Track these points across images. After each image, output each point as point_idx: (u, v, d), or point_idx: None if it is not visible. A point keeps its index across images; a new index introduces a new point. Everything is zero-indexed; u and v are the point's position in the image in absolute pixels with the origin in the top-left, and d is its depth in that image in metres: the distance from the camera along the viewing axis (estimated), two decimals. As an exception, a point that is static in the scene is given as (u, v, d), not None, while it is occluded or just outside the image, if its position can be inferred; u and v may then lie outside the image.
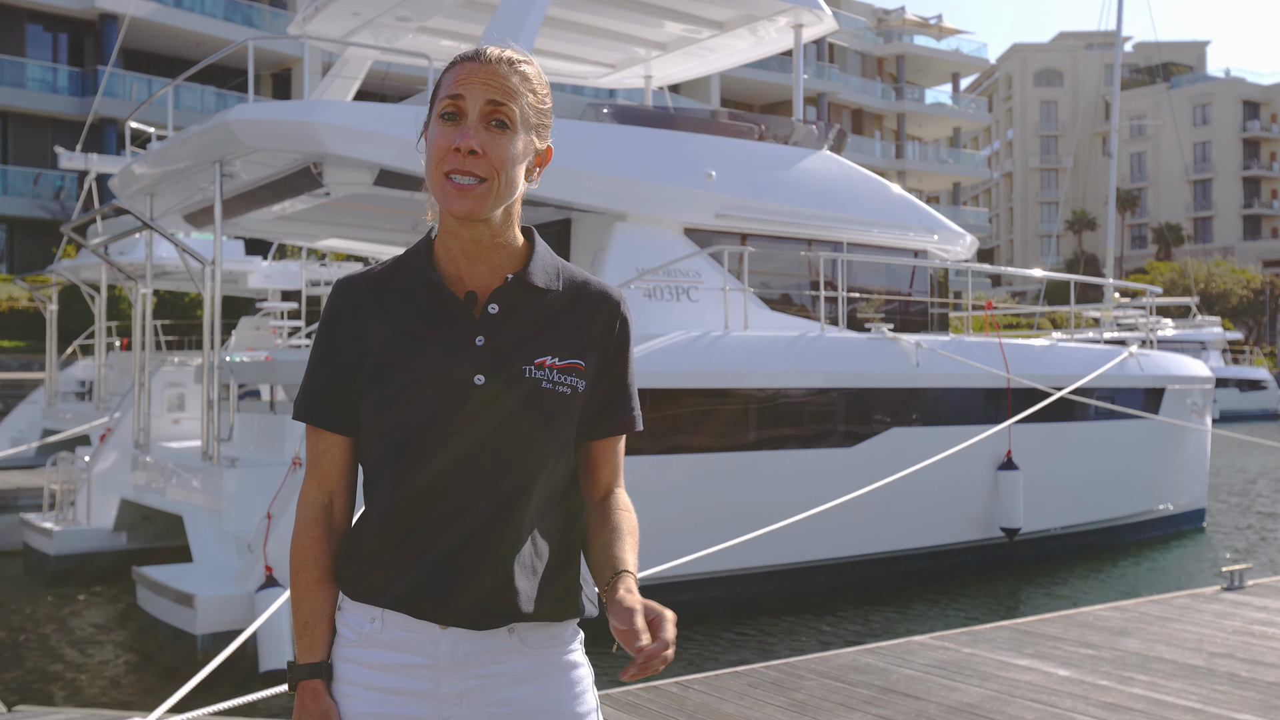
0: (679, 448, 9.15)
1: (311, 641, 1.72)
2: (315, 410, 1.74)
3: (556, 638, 1.73)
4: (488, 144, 1.63)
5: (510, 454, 1.66)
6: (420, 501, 1.65)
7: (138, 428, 11.05)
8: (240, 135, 8.80)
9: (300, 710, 1.70)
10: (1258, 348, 54.41)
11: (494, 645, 1.67)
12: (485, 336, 1.68)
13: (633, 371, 1.82)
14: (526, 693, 1.69)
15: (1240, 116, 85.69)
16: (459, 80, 1.65)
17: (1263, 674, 5.01)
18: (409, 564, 1.66)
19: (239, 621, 7.69)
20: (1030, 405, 10.84)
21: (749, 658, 7.57)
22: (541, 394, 1.68)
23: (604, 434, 1.79)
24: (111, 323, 18.98)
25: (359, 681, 1.68)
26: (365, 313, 1.71)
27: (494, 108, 1.64)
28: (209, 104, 35.69)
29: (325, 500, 1.75)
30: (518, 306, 1.71)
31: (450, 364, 1.66)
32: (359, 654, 1.69)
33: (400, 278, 1.73)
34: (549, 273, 1.75)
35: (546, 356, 1.69)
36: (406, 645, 1.67)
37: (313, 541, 1.73)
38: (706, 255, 10.42)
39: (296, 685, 1.72)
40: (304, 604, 1.73)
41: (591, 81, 14.13)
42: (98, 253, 11.10)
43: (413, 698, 1.66)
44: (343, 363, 1.72)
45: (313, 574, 1.73)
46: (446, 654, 1.66)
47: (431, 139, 1.66)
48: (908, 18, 62.33)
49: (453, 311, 1.69)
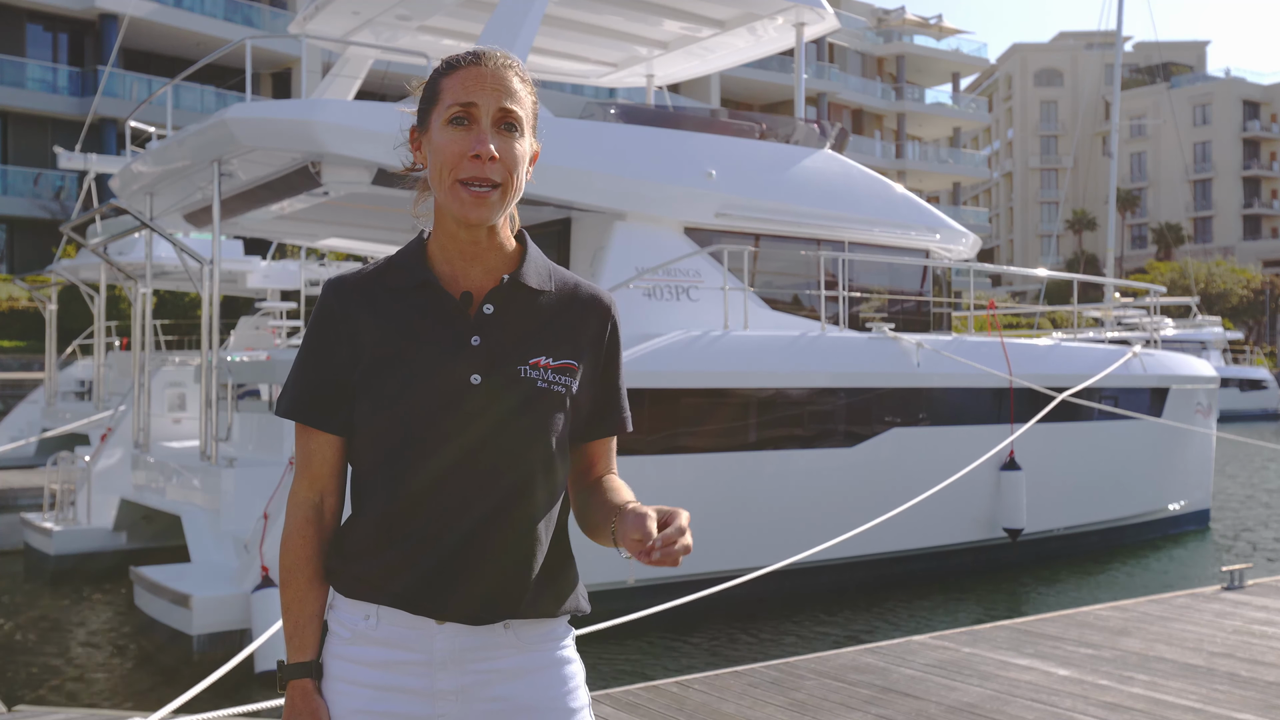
0: (679, 448, 9.14)
1: (302, 641, 1.73)
2: (307, 410, 1.74)
3: (550, 634, 1.74)
4: (502, 148, 1.65)
5: (507, 453, 1.67)
6: (418, 500, 1.65)
7: (137, 427, 11.04)
8: (238, 134, 8.79)
9: (290, 710, 1.70)
10: (1258, 347, 54.39)
11: (489, 641, 1.68)
12: (481, 336, 1.68)
13: (623, 374, 1.85)
14: (519, 688, 1.69)
15: (1240, 116, 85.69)
16: (467, 86, 1.66)
17: (1263, 673, 5.00)
18: (407, 561, 1.66)
19: (235, 622, 7.68)
20: (1033, 405, 10.83)
21: (749, 658, 7.56)
22: (537, 393, 1.69)
23: (597, 435, 1.82)
24: (111, 322, 18.96)
25: (352, 679, 1.68)
26: (358, 313, 1.71)
27: (505, 113, 1.66)
28: (209, 104, 35.67)
29: (316, 500, 1.75)
30: (512, 307, 1.72)
31: (447, 363, 1.66)
32: (352, 651, 1.69)
33: (393, 278, 1.73)
34: (541, 274, 1.76)
35: (541, 356, 1.70)
36: (402, 641, 1.67)
37: (304, 542, 1.73)
38: (706, 255, 10.41)
39: (286, 684, 1.72)
40: (296, 605, 1.73)
41: (593, 81, 14.13)
42: (97, 252, 11.09)
43: (406, 694, 1.66)
44: (336, 363, 1.71)
45: (305, 575, 1.73)
46: (443, 649, 1.66)
47: (439, 144, 1.66)
48: (908, 17, 62.30)
49: (449, 311, 1.70)
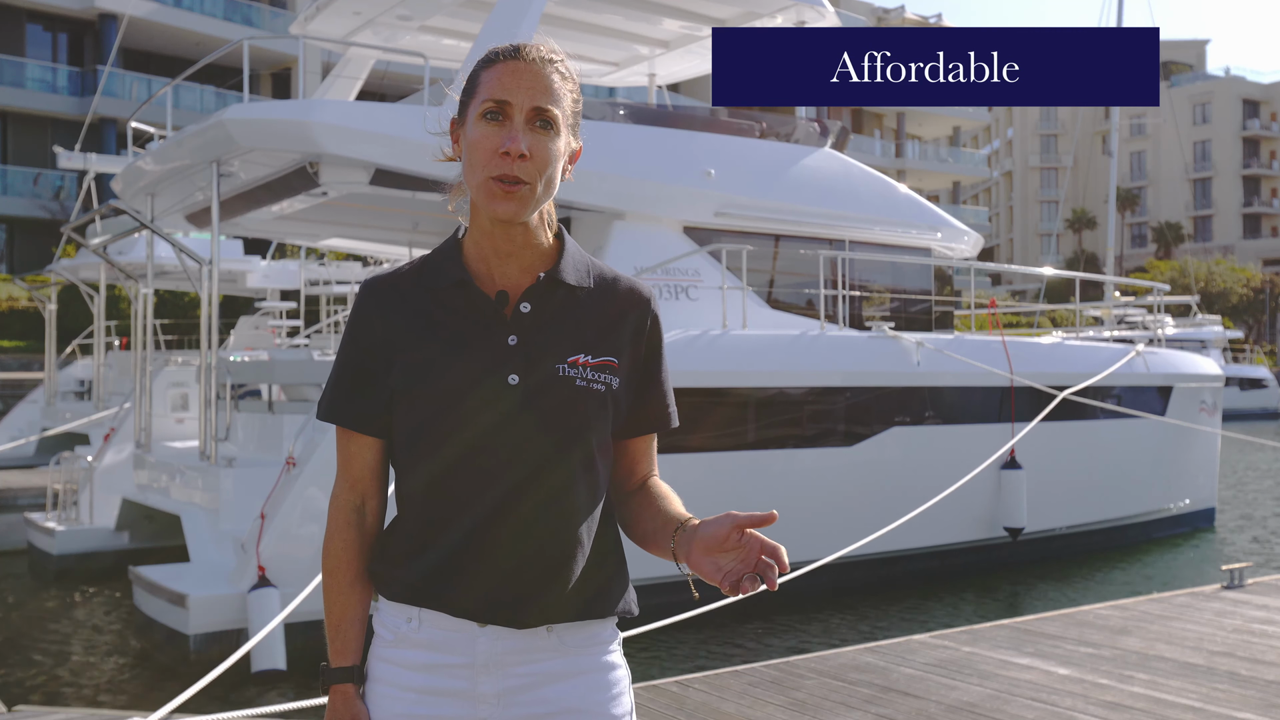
0: (677, 447, 9.13)
1: (344, 644, 1.72)
2: (346, 412, 1.72)
3: (595, 637, 1.71)
4: (534, 146, 1.62)
5: (547, 453, 1.64)
6: (457, 502, 1.64)
7: (139, 427, 11.04)
8: (236, 135, 8.79)
9: (331, 713, 1.71)
10: (1258, 346, 54.37)
11: (532, 644, 1.66)
12: (518, 336, 1.66)
13: (666, 368, 1.81)
14: (563, 692, 1.67)
15: (1240, 115, 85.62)
16: (504, 81, 1.63)
17: (1263, 672, 5.00)
18: (446, 564, 1.64)
19: (232, 621, 7.67)
20: (1035, 404, 10.81)
21: (749, 657, 7.55)
22: (576, 392, 1.66)
23: (639, 431, 1.78)
24: (110, 322, 18.97)
25: (395, 682, 1.67)
26: (395, 313, 1.69)
27: (539, 111, 1.63)
28: (209, 104, 35.64)
29: (357, 503, 1.74)
30: (550, 305, 1.69)
31: (483, 364, 1.64)
32: (396, 654, 1.68)
33: (429, 277, 1.71)
34: (580, 270, 1.73)
35: (580, 354, 1.68)
36: (444, 644, 1.65)
37: (345, 544, 1.72)
38: (706, 254, 10.39)
39: (328, 688, 1.71)
40: (336, 607, 1.72)
41: (595, 80, 14.11)
42: (98, 252, 11.09)
43: (449, 698, 1.65)
44: (374, 364, 1.70)
45: (345, 577, 1.72)
46: (485, 652, 1.65)
47: (473, 139, 1.64)
48: (907, 16, 62.27)
49: (484, 311, 1.68)
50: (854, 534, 10.10)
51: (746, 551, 1.49)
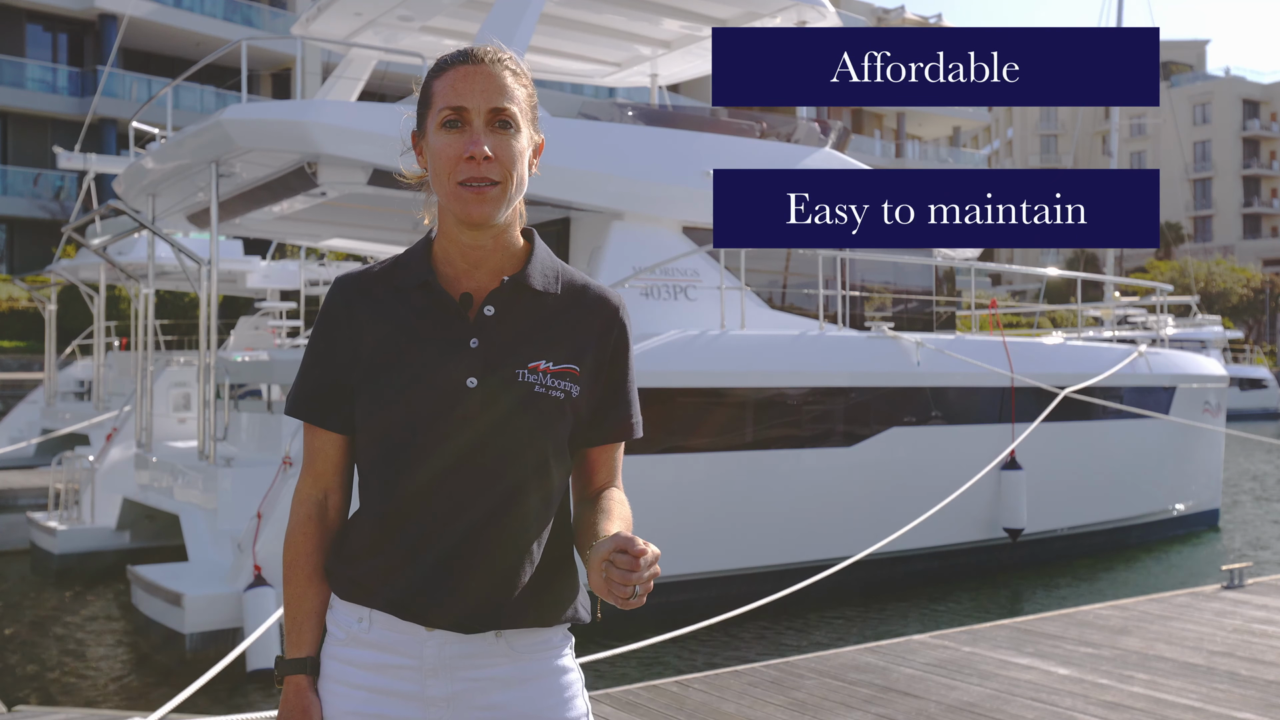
0: (676, 448, 9.13)
1: (300, 637, 1.73)
2: (311, 407, 1.74)
3: (546, 643, 1.71)
4: (497, 147, 1.64)
5: (503, 458, 1.65)
6: (412, 504, 1.64)
7: (140, 427, 11.05)
8: (234, 135, 8.79)
9: (284, 704, 1.71)
10: (1258, 346, 54.37)
11: (481, 649, 1.66)
12: (479, 339, 1.67)
13: (633, 378, 1.80)
14: (514, 697, 1.67)
15: (1240, 115, 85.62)
16: (457, 88, 1.64)
17: (1263, 672, 5.00)
18: (399, 566, 1.65)
19: (228, 621, 7.68)
20: (1037, 404, 10.80)
21: (749, 657, 7.55)
22: (534, 398, 1.66)
23: (599, 440, 1.77)
24: (110, 323, 18.97)
25: (346, 680, 1.68)
26: (361, 312, 1.70)
27: (497, 112, 1.64)
28: (209, 104, 35.65)
29: (320, 497, 1.75)
30: (514, 309, 1.70)
31: (443, 366, 1.65)
32: (347, 653, 1.69)
33: (398, 278, 1.72)
34: (547, 275, 1.74)
35: (540, 360, 1.68)
36: (393, 646, 1.66)
37: (305, 538, 1.73)
38: (705, 254, 10.39)
39: (282, 679, 1.72)
40: (295, 601, 1.73)
41: (596, 80, 14.11)
42: (98, 253, 11.09)
43: (399, 699, 1.66)
44: (339, 361, 1.71)
45: (305, 571, 1.73)
46: (433, 656, 1.65)
47: (436, 148, 1.65)
48: (907, 16, 62.28)
49: (448, 313, 1.68)
50: (854, 534, 10.12)
51: (615, 569, 1.47)
